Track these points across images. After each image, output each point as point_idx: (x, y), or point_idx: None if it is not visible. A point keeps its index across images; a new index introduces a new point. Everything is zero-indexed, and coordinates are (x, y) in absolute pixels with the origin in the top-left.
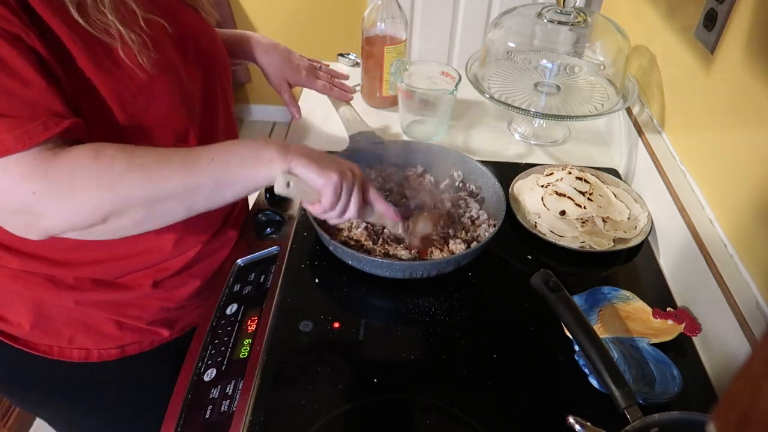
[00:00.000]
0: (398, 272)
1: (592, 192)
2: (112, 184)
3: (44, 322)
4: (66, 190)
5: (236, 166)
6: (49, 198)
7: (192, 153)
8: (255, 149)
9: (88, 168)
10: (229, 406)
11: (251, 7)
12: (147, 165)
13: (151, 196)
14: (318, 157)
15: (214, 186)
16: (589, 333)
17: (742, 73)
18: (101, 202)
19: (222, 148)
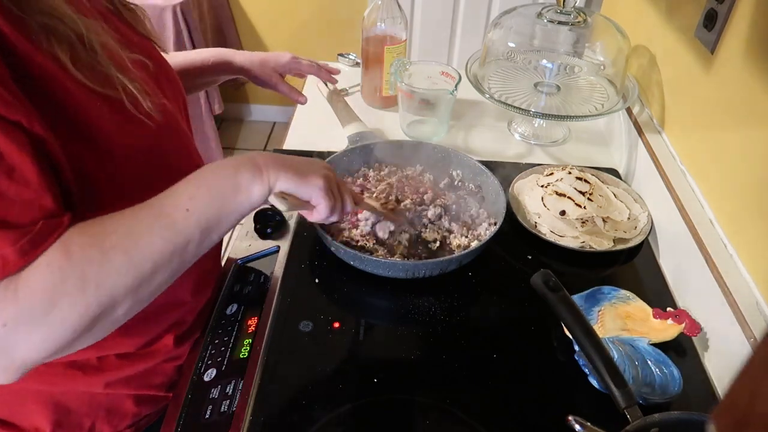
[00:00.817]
0: (400, 272)
1: (592, 192)
2: (95, 282)
3: (66, 418)
4: (44, 309)
5: (216, 205)
6: (25, 326)
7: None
8: (229, 177)
9: (64, 271)
10: (229, 406)
11: (251, 8)
12: (122, 244)
13: (138, 278)
14: (291, 165)
15: (201, 235)
16: (589, 333)
17: (742, 73)
18: (87, 307)
19: (192, 189)
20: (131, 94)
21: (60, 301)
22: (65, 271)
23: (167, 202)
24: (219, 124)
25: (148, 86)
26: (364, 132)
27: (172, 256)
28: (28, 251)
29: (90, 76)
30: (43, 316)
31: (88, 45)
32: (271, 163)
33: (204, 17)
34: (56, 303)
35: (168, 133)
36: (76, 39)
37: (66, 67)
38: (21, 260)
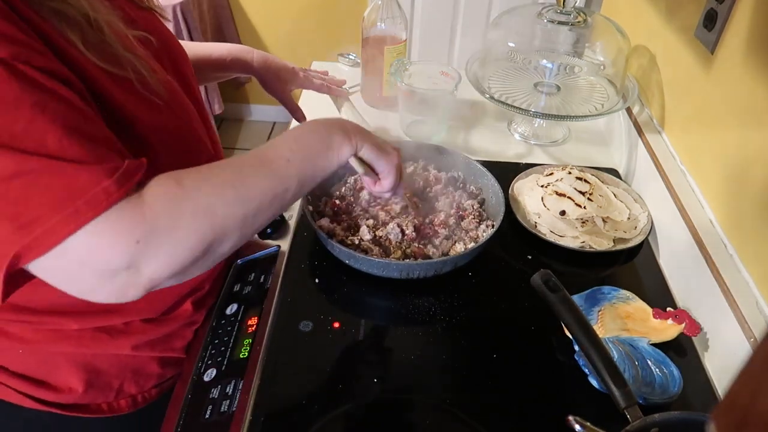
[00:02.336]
0: (394, 272)
1: (592, 192)
2: (209, 210)
3: (97, 378)
4: (168, 229)
5: (313, 160)
6: (155, 242)
7: (264, 158)
8: (324, 137)
9: (180, 198)
10: (229, 406)
11: (251, 7)
12: (232, 182)
13: (246, 213)
14: (373, 139)
15: (298, 184)
16: (589, 333)
17: (742, 73)
18: (203, 231)
19: (291, 143)
20: (139, 72)
21: (180, 225)
22: (181, 199)
23: (270, 152)
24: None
25: (153, 64)
26: None
27: (273, 198)
28: (124, 183)
29: (101, 57)
30: (167, 236)
31: (95, 25)
32: (357, 131)
33: (204, 17)
34: (177, 226)
35: (174, 109)
36: (84, 21)
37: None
38: (120, 191)
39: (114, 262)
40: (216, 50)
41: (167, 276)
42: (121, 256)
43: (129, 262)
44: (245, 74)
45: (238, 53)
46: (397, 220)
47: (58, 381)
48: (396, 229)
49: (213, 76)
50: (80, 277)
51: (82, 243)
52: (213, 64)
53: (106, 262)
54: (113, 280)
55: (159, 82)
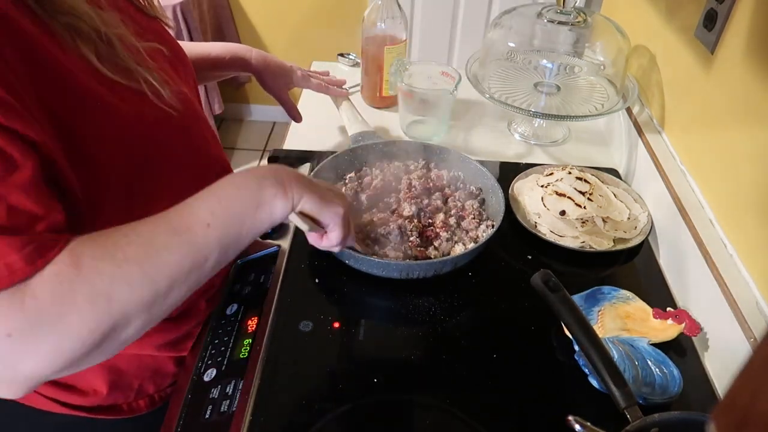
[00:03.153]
0: (394, 272)
1: (592, 192)
2: (106, 295)
3: (120, 379)
4: (53, 319)
5: (239, 222)
6: (33, 336)
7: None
8: (253, 193)
9: (73, 282)
10: (229, 406)
11: (251, 7)
12: (137, 258)
13: (155, 292)
14: (315, 188)
15: (220, 252)
16: (589, 333)
17: (742, 73)
18: (99, 319)
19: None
20: (152, 85)
21: (69, 314)
22: (74, 283)
23: (187, 216)
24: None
25: (167, 74)
26: (367, 132)
27: (189, 271)
28: (35, 259)
29: (113, 70)
30: (50, 328)
31: (106, 40)
32: (295, 181)
33: (204, 17)
34: (64, 315)
35: (188, 120)
36: (96, 36)
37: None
38: (28, 267)
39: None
40: (214, 49)
41: (53, 371)
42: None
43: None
44: (244, 73)
45: (237, 52)
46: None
47: (84, 384)
48: (396, 231)
49: (212, 75)
50: None
51: None
52: (212, 63)
53: None
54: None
55: (173, 93)
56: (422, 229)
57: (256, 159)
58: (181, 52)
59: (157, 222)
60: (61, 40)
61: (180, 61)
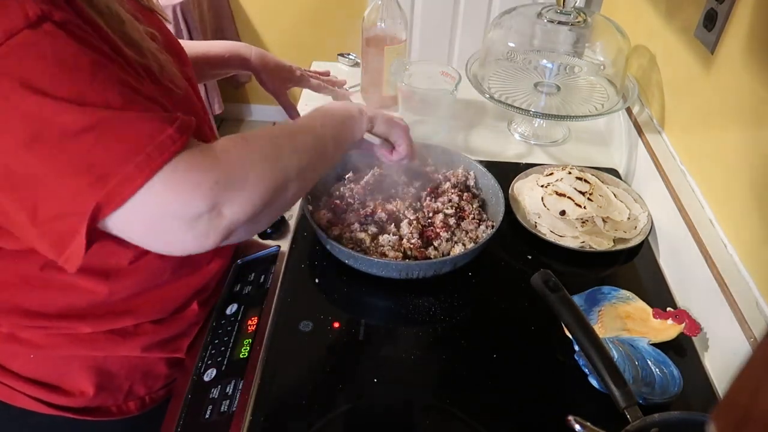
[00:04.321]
0: (394, 272)
1: (592, 192)
2: (273, 157)
3: (108, 381)
4: (242, 172)
5: (340, 126)
6: (232, 184)
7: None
8: (344, 113)
9: (247, 147)
10: (229, 406)
11: (251, 7)
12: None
13: (301, 165)
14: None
15: (334, 146)
16: (589, 333)
17: (742, 73)
18: (272, 176)
19: (318, 118)
20: (159, 61)
21: (251, 169)
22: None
23: (303, 124)
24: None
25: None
26: None
27: (317, 154)
28: (184, 132)
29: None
30: (242, 178)
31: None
32: (368, 110)
33: (204, 17)
34: (248, 172)
35: (187, 104)
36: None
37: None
38: (182, 138)
39: (196, 204)
40: (214, 47)
41: (245, 219)
42: (203, 198)
43: (211, 204)
44: (243, 71)
45: (236, 50)
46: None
47: (69, 385)
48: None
49: (211, 73)
50: (162, 226)
51: (160, 191)
52: (211, 62)
53: (188, 205)
54: (195, 225)
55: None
56: (422, 229)
57: None
58: (179, 46)
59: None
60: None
61: (176, 54)
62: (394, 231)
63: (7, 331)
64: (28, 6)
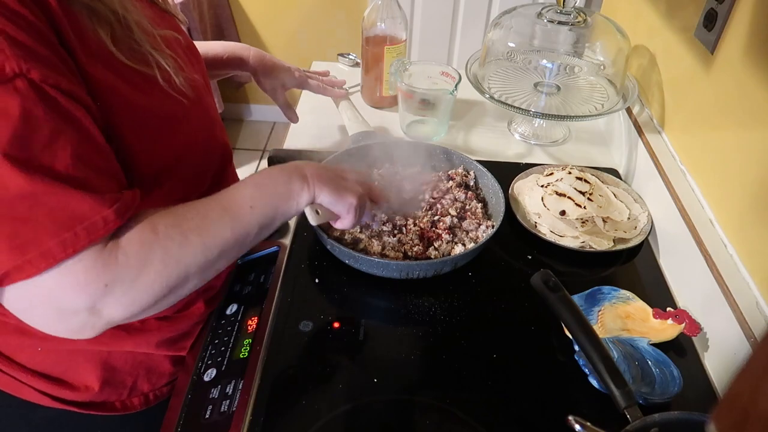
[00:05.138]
0: (394, 272)
1: (592, 192)
2: (176, 258)
3: (112, 376)
4: (136, 275)
5: (273, 208)
6: (121, 287)
7: (228, 205)
8: (286, 185)
9: (152, 245)
10: (229, 406)
11: (251, 7)
12: (198, 229)
13: (209, 259)
14: (334, 180)
15: (257, 230)
16: (589, 333)
17: (742, 73)
18: (167, 279)
19: (253, 191)
20: (165, 70)
21: (148, 270)
22: (153, 246)
23: (235, 198)
24: None
25: (181, 61)
26: (368, 132)
27: (234, 244)
28: (123, 214)
29: (128, 55)
30: (134, 281)
31: (124, 23)
32: (316, 175)
33: (204, 17)
34: (144, 271)
35: (197, 108)
36: (113, 18)
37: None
38: (118, 220)
39: (78, 302)
40: (213, 48)
41: (125, 318)
42: (87, 298)
43: (92, 305)
44: (241, 71)
45: (235, 50)
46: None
47: (75, 379)
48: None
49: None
50: (41, 311)
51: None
52: (210, 62)
53: (71, 301)
54: (72, 319)
55: (185, 80)
56: (422, 231)
57: (256, 159)
58: (192, 44)
59: (213, 201)
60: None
61: (192, 52)
62: (394, 232)
63: (15, 323)
64: (7, 61)
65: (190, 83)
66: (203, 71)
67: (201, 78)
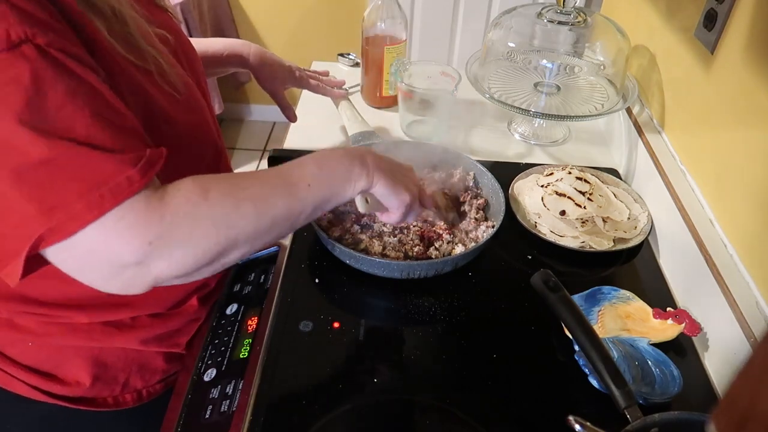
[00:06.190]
0: (395, 272)
1: (592, 192)
2: (226, 222)
3: (104, 372)
4: (183, 235)
5: (332, 189)
6: (167, 246)
7: (289, 177)
8: (346, 168)
9: (201, 207)
10: (229, 406)
11: (251, 8)
12: (253, 198)
13: (259, 229)
14: (393, 173)
15: (312, 210)
16: (589, 333)
17: (742, 73)
18: (217, 242)
19: (314, 168)
20: (160, 66)
21: (196, 232)
22: (203, 208)
23: (295, 174)
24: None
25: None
26: (367, 132)
27: (287, 219)
28: (147, 172)
29: (126, 48)
30: (181, 241)
31: (120, 17)
32: (376, 165)
33: (204, 17)
34: (193, 233)
35: (188, 106)
36: (110, 11)
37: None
38: (144, 179)
39: (125, 257)
40: (213, 45)
41: (173, 277)
42: (133, 253)
43: (139, 260)
44: (241, 69)
45: (235, 48)
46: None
47: (66, 374)
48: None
49: (210, 71)
50: (91, 266)
51: (99, 234)
52: (210, 60)
53: (118, 256)
54: (121, 273)
55: (177, 76)
56: (422, 232)
57: (256, 159)
58: (187, 42)
59: (273, 172)
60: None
61: (186, 51)
62: (395, 233)
63: (6, 316)
64: (11, 28)
65: (181, 80)
66: (199, 70)
67: (194, 77)
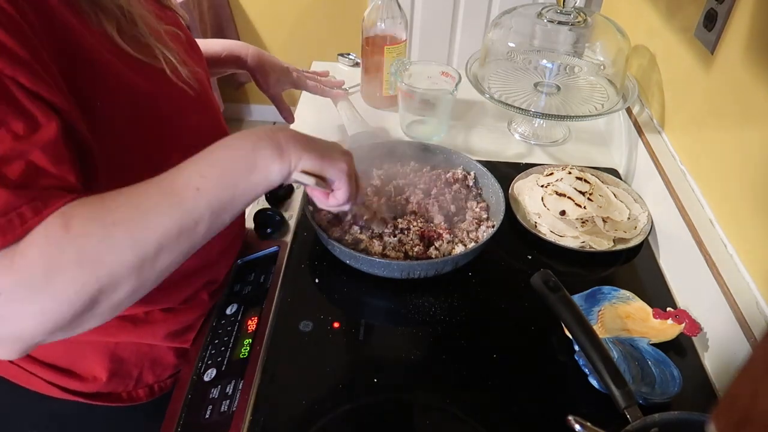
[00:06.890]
0: (395, 272)
1: (592, 192)
2: (93, 256)
3: (120, 367)
4: (41, 280)
5: (231, 186)
6: (22, 295)
7: (170, 186)
8: (247, 156)
9: (62, 245)
10: (229, 406)
11: (251, 7)
12: (125, 221)
13: (143, 257)
14: (314, 146)
15: (211, 216)
16: (589, 333)
17: (742, 73)
18: (85, 283)
19: (203, 167)
20: (171, 63)
21: (57, 274)
22: (63, 244)
23: (177, 180)
24: None
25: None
26: (367, 132)
27: (179, 236)
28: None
29: (135, 48)
30: (39, 287)
31: (129, 17)
32: (292, 141)
33: (204, 17)
34: (53, 276)
35: (202, 102)
36: (119, 13)
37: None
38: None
39: None
40: (211, 46)
41: (43, 333)
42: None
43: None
44: (239, 70)
45: (233, 49)
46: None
47: (83, 370)
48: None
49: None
50: None
51: None
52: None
53: None
54: None
55: (190, 72)
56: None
57: None
58: (194, 41)
59: (148, 186)
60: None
61: (193, 48)
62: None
63: None
64: None
65: (194, 75)
66: (204, 67)
67: (203, 72)
